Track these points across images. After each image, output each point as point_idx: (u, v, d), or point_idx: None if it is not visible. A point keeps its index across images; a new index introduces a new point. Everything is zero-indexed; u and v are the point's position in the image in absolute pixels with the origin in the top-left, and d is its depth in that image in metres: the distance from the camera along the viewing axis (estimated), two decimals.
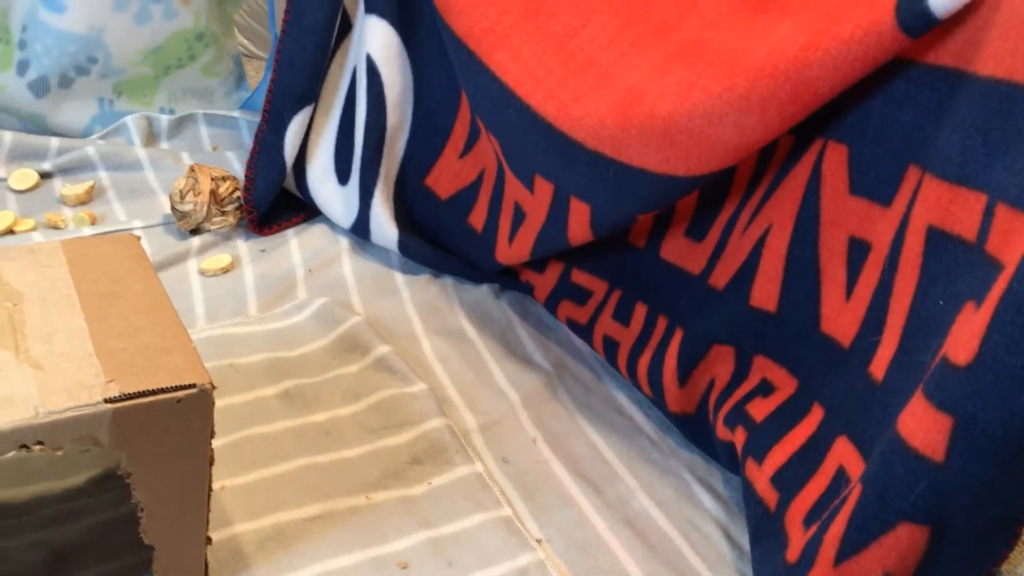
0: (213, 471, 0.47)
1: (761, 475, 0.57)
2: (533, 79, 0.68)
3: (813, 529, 0.50)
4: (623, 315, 0.73)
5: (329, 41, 0.87)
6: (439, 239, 0.88)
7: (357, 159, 0.88)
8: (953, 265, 0.46)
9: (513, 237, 0.79)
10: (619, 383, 0.75)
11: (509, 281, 0.85)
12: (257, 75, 1.31)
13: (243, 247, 0.88)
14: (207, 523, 0.48)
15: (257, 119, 1.08)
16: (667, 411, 0.68)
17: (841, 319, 0.55)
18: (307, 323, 0.77)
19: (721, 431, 0.63)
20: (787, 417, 0.58)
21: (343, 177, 0.91)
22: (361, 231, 0.88)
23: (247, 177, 0.90)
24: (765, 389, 0.60)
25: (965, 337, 0.42)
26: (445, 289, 0.85)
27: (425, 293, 0.84)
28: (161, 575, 0.47)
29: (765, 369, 0.61)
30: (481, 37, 0.72)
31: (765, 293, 0.61)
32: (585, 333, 0.77)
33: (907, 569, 0.45)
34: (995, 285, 0.42)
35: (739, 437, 0.60)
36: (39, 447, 0.39)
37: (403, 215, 0.88)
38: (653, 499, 0.63)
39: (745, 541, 0.60)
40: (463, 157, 0.86)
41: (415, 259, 0.87)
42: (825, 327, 0.57)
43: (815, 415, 0.56)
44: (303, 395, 0.68)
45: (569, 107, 0.65)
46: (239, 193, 0.90)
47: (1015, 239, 0.42)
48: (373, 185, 0.87)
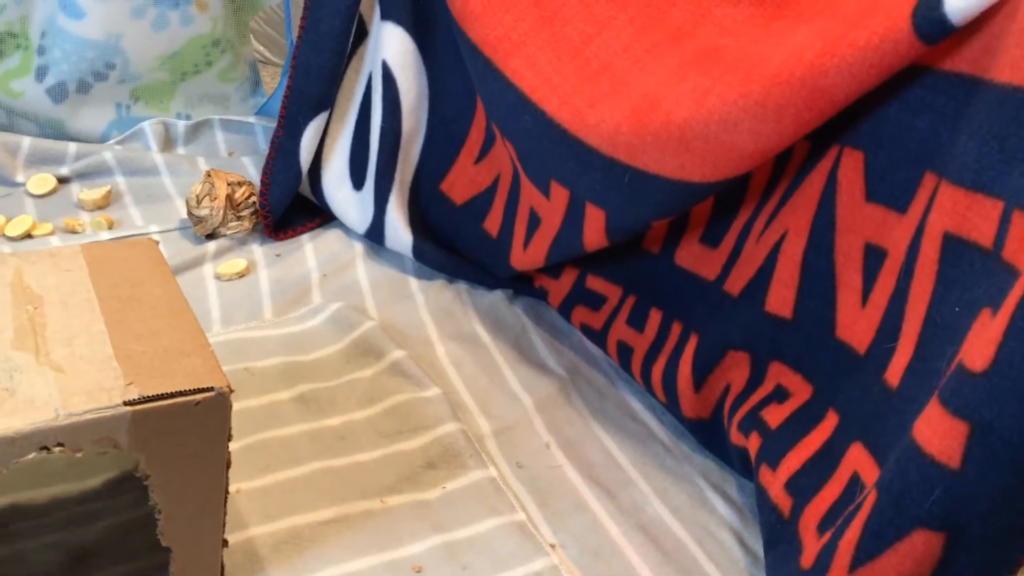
0: (229, 474, 0.47)
1: (775, 481, 0.57)
2: (548, 86, 0.68)
3: (828, 535, 0.50)
4: (637, 321, 0.73)
5: (345, 48, 0.88)
6: (454, 244, 0.88)
7: (372, 165, 0.89)
8: (969, 272, 0.46)
9: (528, 243, 0.79)
10: (633, 389, 0.75)
11: (523, 286, 0.85)
12: (273, 81, 1.32)
13: (258, 252, 0.89)
14: (224, 526, 0.48)
15: (273, 125, 1.09)
16: (681, 417, 0.68)
17: (856, 326, 0.55)
18: (322, 327, 0.77)
19: (735, 437, 0.62)
20: (802, 423, 0.58)
21: (358, 182, 0.91)
22: (376, 236, 0.89)
23: (263, 182, 0.90)
24: (780, 395, 0.60)
25: (981, 344, 0.42)
26: (459, 294, 0.85)
27: (439, 298, 0.84)
28: None
29: (780, 375, 0.61)
30: (496, 44, 0.72)
31: (780, 299, 0.61)
32: (599, 339, 0.77)
33: None
34: (1011, 292, 0.42)
35: (753, 443, 0.60)
36: (59, 449, 0.40)
37: (418, 220, 0.89)
38: (667, 505, 0.63)
39: (759, 547, 0.60)
40: (478, 163, 0.87)
41: (429, 264, 0.87)
42: (840, 333, 0.57)
43: (830, 421, 0.56)
44: (318, 399, 0.69)
45: (584, 113, 0.65)
46: (255, 198, 0.90)
47: None
48: (388, 190, 0.88)
